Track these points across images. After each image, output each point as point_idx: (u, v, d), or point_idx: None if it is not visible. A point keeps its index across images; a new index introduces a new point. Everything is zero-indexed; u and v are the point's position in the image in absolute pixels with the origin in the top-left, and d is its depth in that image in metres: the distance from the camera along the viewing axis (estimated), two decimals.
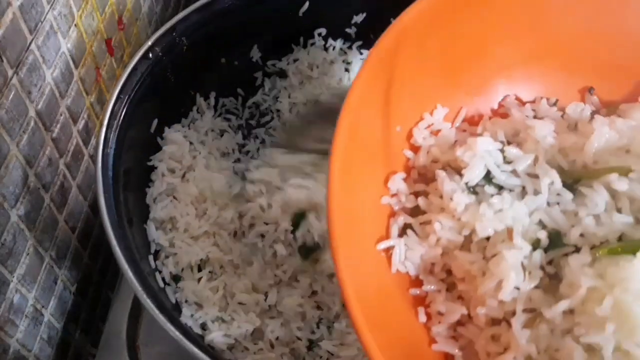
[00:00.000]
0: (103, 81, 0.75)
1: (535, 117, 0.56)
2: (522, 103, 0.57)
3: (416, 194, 0.51)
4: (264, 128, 0.85)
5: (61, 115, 0.65)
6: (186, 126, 0.78)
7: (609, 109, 0.56)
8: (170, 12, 0.98)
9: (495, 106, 0.57)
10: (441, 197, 0.49)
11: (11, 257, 0.57)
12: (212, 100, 0.82)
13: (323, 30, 0.85)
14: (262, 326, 0.64)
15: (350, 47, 0.87)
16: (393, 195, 0.50)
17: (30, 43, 0.57)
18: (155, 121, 0.73)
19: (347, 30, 0.86)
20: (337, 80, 0.86)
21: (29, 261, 0.60)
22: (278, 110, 0.85)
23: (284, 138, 0.83)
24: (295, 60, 0.86)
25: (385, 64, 0.49)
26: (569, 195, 0.47)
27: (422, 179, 0.52)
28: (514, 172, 0.49)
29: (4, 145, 0.54)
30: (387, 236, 0.48)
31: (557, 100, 0.56)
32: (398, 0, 0.81)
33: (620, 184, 0.46)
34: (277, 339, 0.64)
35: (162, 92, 0.73)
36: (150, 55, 0.70)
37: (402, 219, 0.49)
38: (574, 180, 0.48)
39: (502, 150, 0.50)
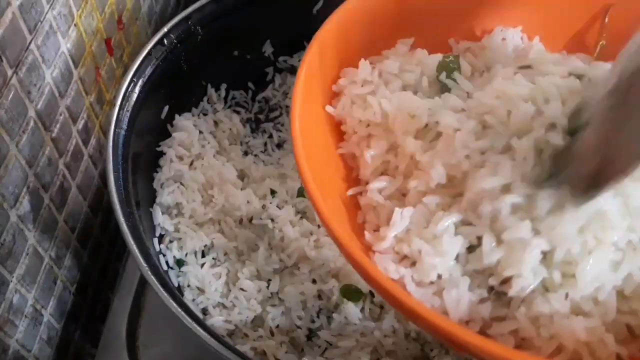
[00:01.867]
0: (103, 81, 0.74)
1: None
2: None
3: None
4: (272, 123, 0.86)
5: (61, 115, 0.64)
6: (196, 115, 0.79)
7: None
8: (170, 12, 0.98)
9: None
10: None
11: (11, 257, 0.56)
12: (222, 92, 0.83)
13: None
14: (263, 313, 0.65)
15: None
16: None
17: (30, 43, 0.56)
18: (167, 108, 0.74)
19: None
20: None
21: (28, 261, 0.60)
22: (287, 107, 0.86)
23: None
24: None
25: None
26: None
27: None
28: None
29: (3, 145, 0.54)
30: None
31: None
32: None
33: None
34: (277, 326, 0.64)
35: (175, 79, 0.73)
36: (165, 41, 0.71)
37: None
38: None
39: None
